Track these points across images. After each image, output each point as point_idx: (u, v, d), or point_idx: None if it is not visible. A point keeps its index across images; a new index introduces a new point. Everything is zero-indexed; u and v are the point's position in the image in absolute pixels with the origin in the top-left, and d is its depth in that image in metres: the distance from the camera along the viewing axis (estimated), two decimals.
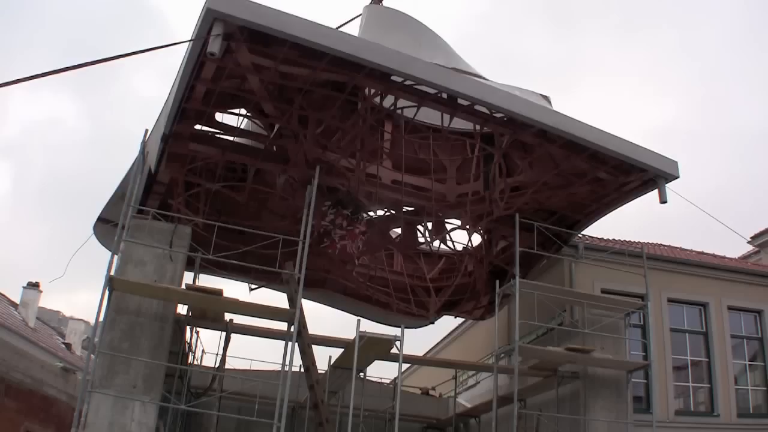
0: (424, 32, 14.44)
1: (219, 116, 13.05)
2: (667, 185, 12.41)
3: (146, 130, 12.07)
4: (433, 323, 17.60)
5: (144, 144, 11.86)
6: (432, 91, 11.67)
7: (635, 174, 12.68)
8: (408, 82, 11.38)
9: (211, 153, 12.97)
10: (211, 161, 13.25)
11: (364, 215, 14.17)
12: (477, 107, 11.96)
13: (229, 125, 13.22)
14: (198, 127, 12.69)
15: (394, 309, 16.24)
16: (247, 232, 12.26)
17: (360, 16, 15.45)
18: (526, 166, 13.56)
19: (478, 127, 13.34)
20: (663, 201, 12.46)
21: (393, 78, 11.21)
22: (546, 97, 14.68)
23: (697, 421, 14.83)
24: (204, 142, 12.91)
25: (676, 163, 12.49)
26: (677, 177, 12.44)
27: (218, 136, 13.16)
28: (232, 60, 10.47)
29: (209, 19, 9.50)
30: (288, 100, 11.92)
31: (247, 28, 9.81)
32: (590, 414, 12.78)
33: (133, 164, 11.83)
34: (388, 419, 15.74)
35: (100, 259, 11.69)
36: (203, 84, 10.94)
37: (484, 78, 13.81)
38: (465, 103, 11.93)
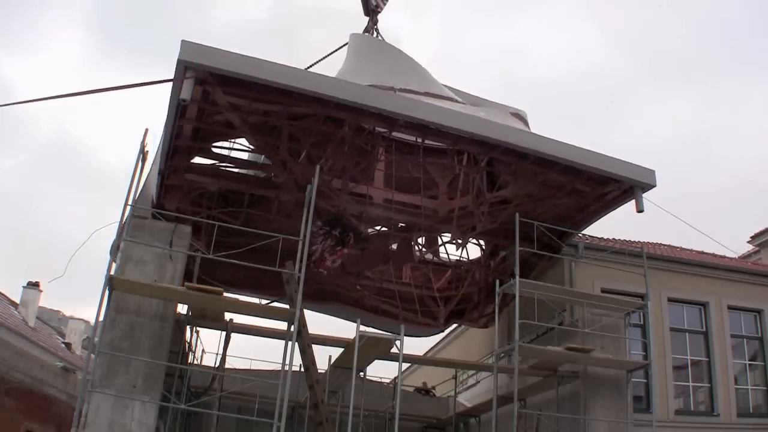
0: (401, 59, 15.58)
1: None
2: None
3: (146, 129, 12.06)
4: (443, 331, 17.98)
5: (143, 144, 11.85)
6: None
7: (612, 184, 13.02)
8: (375, 111, 11.80)
9: (206, 182, 13.67)
10: (208, 190, 13.83)
11: (353, 235, 14.54)
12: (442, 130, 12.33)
13: (226, 155, 13.88)
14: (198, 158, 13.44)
15: (399, 318, 16.40)
16: (249, 243, 12.17)
17: (347, 45, 16.35)
18: (511, 180, 13.92)
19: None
20: (639, 210, 12.76)
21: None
22: (520, 115, 15.20)
23: (697, 420, 14.82)
24: (199, 172, 13.58)
25: (652, 172, 12.80)
26: (653, 186, 12.76)
27: (218, 166, 13.90)
28: (210, 101, 11.40)
29: (181, 67, 10.44)
30: (274, 133, 12.61)
31: (216, 74, 10.75)
32: (590, 414, 12.79)
33: (135, 164, 11.83)
34: (388, 419, 15.78)
35: (99, 259, 11.71)
36: (189, 123, 11.88)
37: (456, 99, 14.40)
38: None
